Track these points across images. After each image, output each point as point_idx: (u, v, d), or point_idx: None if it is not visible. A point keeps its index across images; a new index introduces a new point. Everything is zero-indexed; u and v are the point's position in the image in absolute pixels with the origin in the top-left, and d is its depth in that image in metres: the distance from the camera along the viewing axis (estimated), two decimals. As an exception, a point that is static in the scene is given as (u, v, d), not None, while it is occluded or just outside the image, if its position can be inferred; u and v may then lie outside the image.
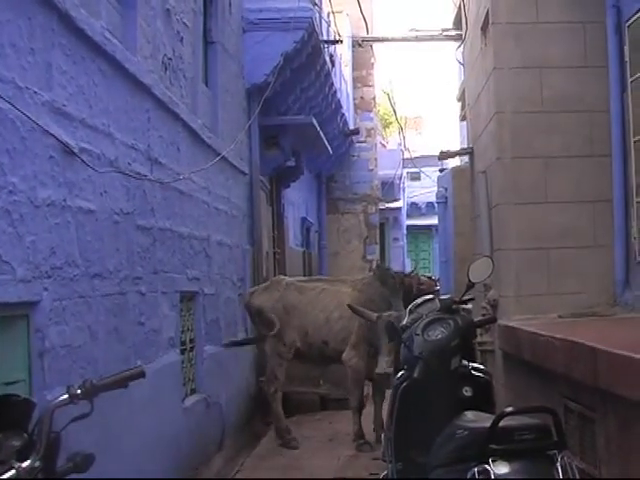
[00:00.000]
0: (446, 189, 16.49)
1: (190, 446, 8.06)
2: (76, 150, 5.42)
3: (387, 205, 28.17)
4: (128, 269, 6.51)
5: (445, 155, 12.86)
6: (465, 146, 13.19)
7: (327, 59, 14.61)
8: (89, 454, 3.07)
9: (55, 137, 5.12)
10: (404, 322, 5.71)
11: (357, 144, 22.62)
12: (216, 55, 10.25)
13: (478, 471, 3.60)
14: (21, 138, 4.69)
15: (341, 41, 16.05)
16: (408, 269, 27.17)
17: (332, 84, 15.82)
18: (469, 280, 5.69)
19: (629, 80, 7.47)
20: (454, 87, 18.81)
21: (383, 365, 8.74)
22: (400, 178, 29.59)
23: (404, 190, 32.77)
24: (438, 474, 4.15)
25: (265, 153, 12.91)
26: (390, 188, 27.44)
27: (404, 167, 29.20)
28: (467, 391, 5.04)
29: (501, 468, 3.60)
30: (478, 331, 8.17)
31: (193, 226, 8.59)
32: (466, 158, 16.25)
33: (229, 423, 9.83)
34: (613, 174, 7.74)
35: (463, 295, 5.87)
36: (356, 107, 22.98)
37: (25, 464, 2.78)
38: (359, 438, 9.47)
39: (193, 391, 8.73)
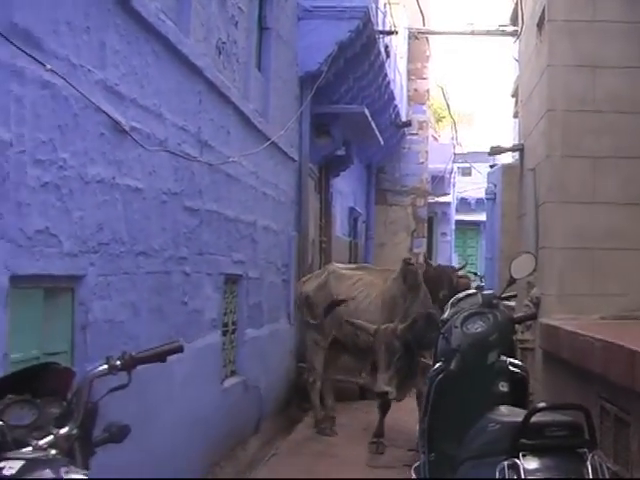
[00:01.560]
0: (495, 185, 16.42)
1: (227, 427, 8.15)
2: (127, 129, 5.50)
3: (436, 199, 28.02)
4: (173, 249, 6.59)
5: (495, 151, 12.78)
6: (517, 143, 13.13)
7: (382, 50, 14.58)
8: (125, 425, 3.13)
9: (108, 115, 5.20)
10: (445, 315, 5.74)
11: (409, 136, 22.51)
12: (270, 41, 10.30)
13: (508, 465, 3.61)
14: (73, 115, 4.77)
15: (396, 32, 15.97)
16: (455, 264, 27.14)
17: (386, 75, 15.78)
18: (511, 276, 5.70)
19: (684, 83, 7.41)
20: (508, 83, 18.73)
21: (381, 383, 8.23)
22: (451, 173, 29.44)
23: (454, 185, 32.57)
24: (468, 466, 4.18)
25: (315, 141, 12.94)
26: (440, 182, 27.29)
27: (455, 162, 29.07)
28: (503, 386, 5.05)
29: (531, 463, 3.61)
30: (519, 329, 8.15)
31: (240, 210, 8.65)
32: (517, 155, 16.19)
33: (266, 407, 9.90)
34: (662, 177, 7.68)
35: (504, 290, 5.88)
36: (409, 99, 22.89)
37: (63, 431, 2.85)
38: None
39: (233, 373, 8.81)
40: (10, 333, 4.16)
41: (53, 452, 2.75)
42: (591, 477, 3.54)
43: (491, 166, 19.01)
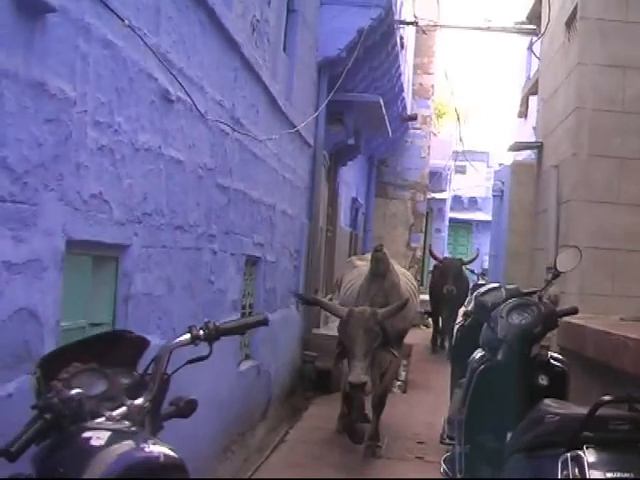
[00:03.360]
0: (503, 183, 16.40)
1: (240, 411, 8.04)
2: (173, 98, 5.38)
3: (433, 195, 28.03)
4: (205, 226, 6.46)
5: (515, 147, 12.80)
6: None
7: (398, 40, 14.47)
8: (192, 399, 3.03)
9: (173, 75, 5.14)
10: (468, 308, 5.67)
11: (412, 130, 22.43)
12: (296, 24, 10.15)
13: (571, 457, 3.53)
14: (129, 78, 4.64)
15: (416, 23, 15.88)
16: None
17: (399, 66, 15.67)
18: (555, 269, 5.66)
19: None
20: (509, 83, 18.65)
21: (358, 372, 7.29)
22: (449, 170, 29.47)
23: (450, 182, 32.63)
24: (518, 458, 4.09)
25: (329, 128, 12.77)
26: (438, 179, 27.29)
27: (454, 159, 29.11)
28: (543, 379, 5.04)
29: (593, 456, 3.53)
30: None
31: (262, 191, 8.51)
32: (523, 154, 16.22)
33: (274, 393, 9.80)
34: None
35: (547, 284, 5.85)
36: (414, 93, 22.82)
37: (137, 402, 2.75)
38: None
39: (247, 357, 8.67)
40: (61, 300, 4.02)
41: (127, 424, 2.66)
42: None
43: (500, 164, 19.04)
